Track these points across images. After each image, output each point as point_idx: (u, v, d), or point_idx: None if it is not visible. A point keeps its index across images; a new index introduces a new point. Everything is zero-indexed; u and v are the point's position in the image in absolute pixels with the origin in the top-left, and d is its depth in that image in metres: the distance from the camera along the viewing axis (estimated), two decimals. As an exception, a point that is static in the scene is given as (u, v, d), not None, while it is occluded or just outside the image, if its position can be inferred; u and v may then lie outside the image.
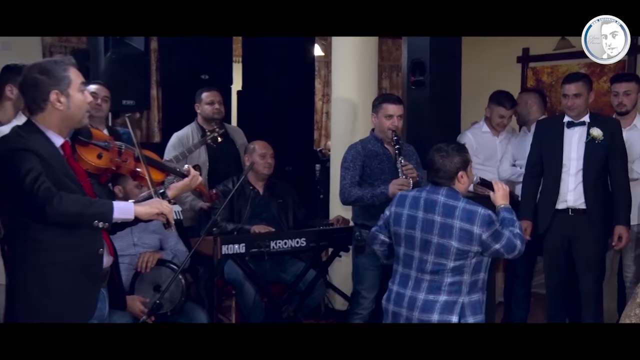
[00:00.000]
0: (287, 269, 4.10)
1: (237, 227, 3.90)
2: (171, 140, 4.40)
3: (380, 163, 3.70)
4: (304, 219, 4.22)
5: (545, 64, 6.15)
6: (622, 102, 4.01)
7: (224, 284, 3.96)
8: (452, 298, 2.80)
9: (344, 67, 4.66)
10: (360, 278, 3.78)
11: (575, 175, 3.77)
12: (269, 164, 4.08)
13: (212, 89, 4.48)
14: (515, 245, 2.81)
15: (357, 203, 3.67)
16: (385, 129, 3.67)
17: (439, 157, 2.85)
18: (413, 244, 2.87)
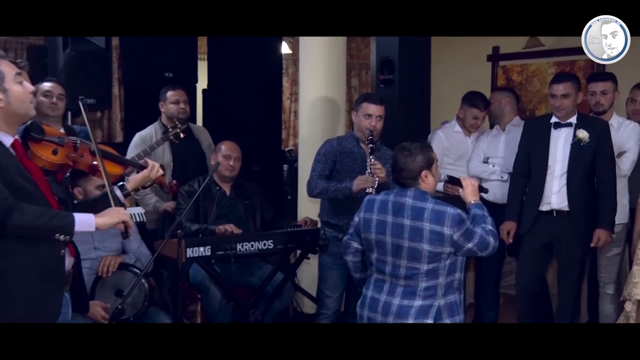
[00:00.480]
0: (254, 271, 4.08)
1: (201, 227, 3.87)
2: (134, 140, 4.35)
3: (353, 161, 3.72)
4: (271, 220, 4.21)
5: (515, 62, 6.23)
6: (599, 102, 4.05)
7: (189, 288, 3.93)
8: (427, 302, 2.79)
9: (312, 65, 4.66)
10: (324, 277, 3.81)
11: (559, 177, 3.80)
12: (231, 166, 4.06)
13: (177, 88, 4.44)
14: (488, 242, 2.81)
15: (321, 195, 3.71)
16: (363, 128, 3.69)
17: (402, 157, 2.85)
18: (385, 250, 2.86)
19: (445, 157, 4.44)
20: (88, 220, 2.32)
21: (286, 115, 7.11)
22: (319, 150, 3.78)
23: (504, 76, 6.30)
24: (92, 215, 2.35)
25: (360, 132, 3.73)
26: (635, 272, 3.46)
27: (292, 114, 7.12)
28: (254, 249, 3.74)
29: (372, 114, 3.68)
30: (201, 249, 3.58)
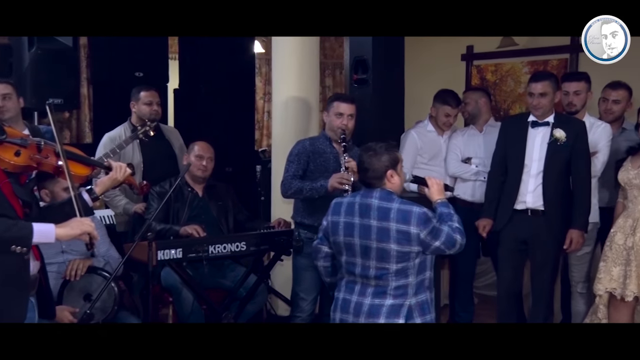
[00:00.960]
0: (226, 274, 4.08)
1: (165, 227, 3.86)
2: (102, 141, 4.32)
3: (326, 161, 3.75)
4: (244, 221, 4.21)
5: (489, 61, 6.30)
6: (572, 102, 4.12)
7: (160, 291, 3.92)
8: (398, 301, 2.83)
9: (285, 65, 4.67)
10: (299, 279, 3.81)
11: (535, 176, 3.85)
12: (204, 166, 4.06)
13: (151, 89, 4.43)
14: (455, 240, 2.85)
15: (296, 195, 3.72)
16: (335, 127, 3.71)
17: (367, 157, 2.88)
18: (354, 251, 2.89)
19: (419, 156, 4.48)
20: (48, 232, 2.28)
21: (259, 115, 7.11)
22: (291, 151, 3.80)
23: (478, 75, 6.38)
24: (53, 225, 2.31)
25: (332, 132, 3.76)
26: (601, 268, 3.58)
27: (266, 114, 7.12)
28: (227, 251, 3.75)
29: (343, 113, 3.71)
30: (172, 251, 3.57)
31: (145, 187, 3.34)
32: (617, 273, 3.53)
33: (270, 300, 4.56)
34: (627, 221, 3.57)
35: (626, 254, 3.53)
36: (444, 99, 4.49)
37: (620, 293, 3.52)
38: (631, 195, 3.61)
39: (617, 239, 3.58)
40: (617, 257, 3.56)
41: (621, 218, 3.61)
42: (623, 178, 3.62)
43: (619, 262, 3.55)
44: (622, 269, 3.52)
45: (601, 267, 3.61)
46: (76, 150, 2.75)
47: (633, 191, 3.59)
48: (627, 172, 3.61)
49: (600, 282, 3.58)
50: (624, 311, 3.58)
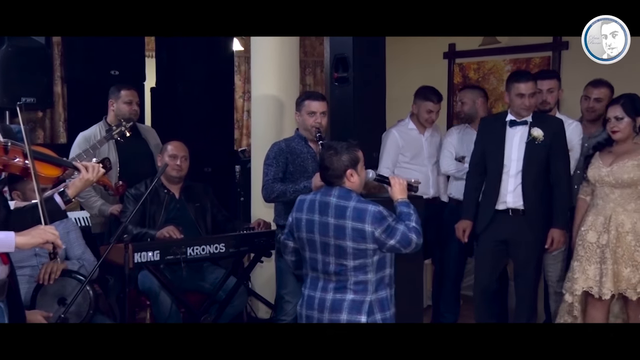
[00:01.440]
0: (205, 276, 4.06)
1: (141, 232, 3.84)
2: (77, 140, 4.29)
3: (304, 161, 3.74)
4: (223, 223, 4.20)
5: (471, 60, 6.33)
6: (545, 100, 4.15)
7: (137, 295, 3.89)
8: (359, 297, 2.94)
9: (264, 63, 4.66)
10: (284, 282, 3.80)
11: (515, 176, 3.87)
12: (178, 166, 4.04)
13: (131, 88, 4.41)
14: (410, 239, 2.94)
15: (280, 199, 3.69)
16: (309, 126, 3.71)
17: (328, 156, 2.98)
18: (315, 247, 3.00)
19: (401, 155, 4.49)
20: (7, 240, 2.23)
21: (239, 115, 7.08)
22: (268, 154, 3.78)
23: (460, 74, 6.40)
24: (12, 234, 2.26)
25: (306, 131, 3.76)
26: (575, 267, 3.60)
27: (245, 113, 7.09)
28: (205, 252, 3.74)
29: (315, 111, 3.72)
30: (150, 253, 3.56)
31: (121, 187, 3.30)
32: (593, 272, 3.56)
33: (250, 302, 4.55)
34: (598, 219, 3.59)
35: (600, 252, 3.56)
36: (425, 95, 4.51)
37: (597, 292, 3.54)
38: (601, 193, 3.62)
39: (590, 237, 3.60)
40: (591, 256, 3.58)
41: (591, 216, 3.63)
42: (594, 175, 3.63)
43: (593, 261, 3.57)
44: (598, 267, 3.55)
45: (575, 267, 3.62)
46: (47, 151, 2.71)
47: (604, 188, 3.61)
48: (598, 170, 3.63)
49: (577, 282, 3.59)
50: (601, 309, 3.62)
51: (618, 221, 3.53)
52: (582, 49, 5.59)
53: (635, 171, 3.52)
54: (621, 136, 3.59)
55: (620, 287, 3.51)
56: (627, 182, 3.52)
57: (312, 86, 7.38)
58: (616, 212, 3.55)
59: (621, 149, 3.62)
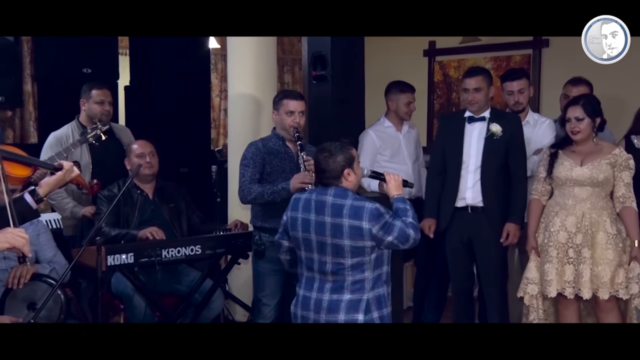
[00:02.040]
0: (181, 279, 4.05)
1: (122, 232, 3.81)
2: (48, 140, 4.24)
3: (282, 161, 3.73)
4: (199, 224, 4.18)
5: (451, 57, 6.38)
6: (518, 101, 4.19)
7: (110, 298, 3.87)
8: (356, 296, 2.96)
9: (241, 61, 4.65)
10: (261, 285, 3.79)
11: (474, 172, 3.93)
12: (149, 163, 4.01)
13: (103, 87, 4.37)
14: (408, 235, 2.97)
15: (257, 200, 3.67)
16: (287, 126, 3.71)
17: (323, 158, 3.01)
18: (311, 247, 3.02)
19: (380, 155, 4.50)
20: None
21: (216, 114, 7.06)
22: (244, 155, 3.76)
23: (440, 72, 6.45)
24: None
25: (284, 131, 3.75)
26: (548, 269, 3.61)
27: (222, 112, 7.07)
28: (181, 255, 3.73)
29: (294, 111, 3.71)
30: (123, 256, 3.54)
31: (96, 186, 3.28)
32: (569, 273, 3.57)
33: (227, 305, 4.53)
34: (569, 219, 3.60)
35: (572, 251, 3.58)
36: (401, 88, 4.52)
37: (570, 293, 3.56)
38: (570, 193, 3.63)
39: (561, 238, 3.60)
40: (564, 257, 3.59)
41: (560, 216, 3.63)
42: (566, 175, 3.62)
43: (566, 261, 3.59)
44: (571, 267, 3.57)
45: (547, 269, 3.62)
46: (17, 150, 2.68)
47: (574, 188, 3.62)
48: (570, 170, 3.62)
49: (551, 285, 3.60)
50: (574, 309, 3.66)
51: (591, 220, 3.56)
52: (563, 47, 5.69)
53: (608, 170, 3.58)
54: (582, 137, 3.63)
55: (596, 286, 3.53)
56: (602, 181, 3.57)
57: (291, 84, 7.38)
58: (588, 211, 3.58)
59: (585, 149, 3.65)
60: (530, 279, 3.71)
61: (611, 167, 3.58)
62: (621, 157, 3.61)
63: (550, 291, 3.61)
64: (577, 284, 3.56)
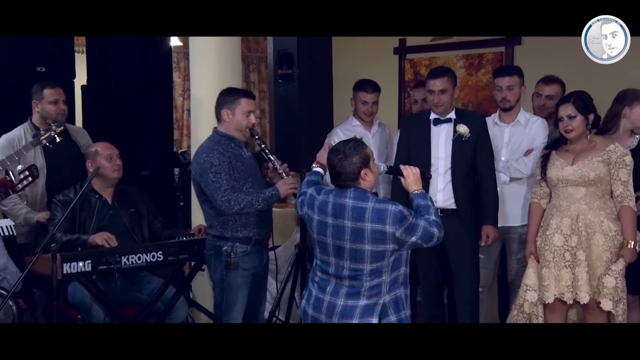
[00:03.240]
0: (142, 287, 4.02)
1: (72, 237, 3.77)
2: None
3: (244, 165, 3.63)
4: (161, 229, 4.15)
5: (423, 55, 6.43)
6: (505, 97, 4.20)
7: (66, 308, 3.82)
8: (372, 301, 2.95)
9: (204, 59, 4.63)
10: (233, 299, 3.63)
11: (443, 174, 3.98)
12: (118, 166, 3.99)
13: (56, 86, 4.32)
14: (432, 234, 2.95)
15: (245, 210, 3.52)
16: (244, 127, 3.62)
17: (338, 161, 2.95)
18: (327, 250, 3.00)
19: None
20: None
21: (178, 114, 7.03)
22: (209, 162, 3.52)
23: (411, 70, 6.49)
24: None
25: (238, 132, 3.62)
26: (545, 274, 3.62)
27: (185, 113, 7.04)
28: (142, 261, 3.70)
29: (252, 110, 3.64)
30: (80, 264, 3.51)
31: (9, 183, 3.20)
32: (566, 277, 3.58)
33: (191, 313, 4.50)
34: (564, 220, 3.62)
35: (569, 255, 3.59)
36: (359, 86, 4.53)
37: (569, 298, 3.56)
38: (564, 193, 3.66)
39: (556, 241, 3.62)
40: (560, 260, 3.60)
41: (555, 218, 3.65)
42: (557, 175, 3.66)
43: (563, 265, 3.60)
44: (568, 271, 3.58)
45: (545, 274, 3.63)
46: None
47: (567, 188, 3.64)
48: (561, 169, 3.65)
49: (548, 289, 3.60)
50: (561, 314, 3.67)
51: (587, 221, 3.58)
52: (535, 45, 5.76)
53: (601, 168, 3.58)
54: (575, 135, 3.66)
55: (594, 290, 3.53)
56: (593, 179, 3.57)
57: (257, 84, 7.38)
58: (583, 211, 3.60)
59: (578, 147, 3.67)
60: (529, 285, 3.71)
61: (605, 164, 3.58)
62: (616, 153, 3.59)
63: (548, 296, 3.60)
64: (574, 288, 3.55)
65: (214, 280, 3.71)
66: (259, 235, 3.66)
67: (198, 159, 3.58)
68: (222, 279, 3.63)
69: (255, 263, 3.67)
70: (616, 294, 3.51)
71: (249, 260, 3.61)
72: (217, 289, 3.68)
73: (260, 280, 3.77)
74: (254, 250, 3.64)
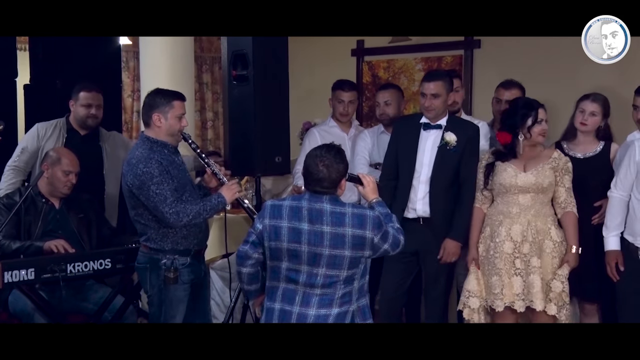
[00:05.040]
0: (89, 296, 4.02)
1: (24, 244, 3.76)
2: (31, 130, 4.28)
3: (180, 172, 3.54)
4: (110, 236, 4.16)
5: (381, 57, 6.51)
6: (454, 100, 4.30)
7: (7, 318, 3.81)
8: (343, 309, 3.03)
9: (155, 58, 4.67)
10: (172, 312, 3.58)
11: (425, 182, 3.98)
12: (71, 184, 3.98)
13: (93, 89, 4.45)
14: (399, 240, 3.11)
15: (194, 221, 3.47)
16: (177, 131, 3.54)
17: (323, 167, 2.98)
18: (298, 258, 3.00)
19: None
20: None
21: (128, 116, 6.99)
22: (148, 172, 3.38)
23: (369, 72, 6.58)
24: None
25: (170, 137, 3.53)
26: (495, 282, 3.70)
27: (135, 114, 7.00)
28: (89, 269, 3.70)
29: (184, 113, 3.57)
30: (22, 272, 3.48)
31: None
32: (518, 285, 3.65)
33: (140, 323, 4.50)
34: (514, 227, 3.70)
35: (519, 262, 3.67)
36: (337, 85, 4.64)
37: (522, 305, 3.64)
38: (513, 200, 3.73)
39: (506, 249, 3.69)
40: (511, 268, 3.68)
41: (505, 225, 3.72)
42: (509, 182, 3.71)
43: (513, 272, 3.67)
44: (519, 279, 3.66)
45: (494, 282, 3.70)
46: None
47: (517, 196, 3.72)
48: (513, 177, 3.71)
49: (499, 298, 3.66)
50: (509, 321, 3.73)
51: (538, 228, 3.69)
52: (495, 48, 5.90)
53: (551, 175, 3.71)
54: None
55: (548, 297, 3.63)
56: (546, 187, 3.69)
57: (210, 85, 7.38)
58: (533, 218, 3.70)
59: (529, 154, 3.76)
60: (471, 291, 3.78)
61: (553, 171, 3.72)
62: (561, 160, 3.74)
63: (498, 305, 3.67)
64: (527, 295, 3.63)
65: (150, 295, 3.60)
66: (199, 245, 3.65)
67: (134, 171, 3.40)
68: (160, 294, 3.54)
69: (195, 275, 3.62)
70: (561, 299, 3.66)
71: (188, 273, 3.56)
72: (154, 304, 3.59)
73: (199, 289, 3.71)
74: (194, 261, 3.60)
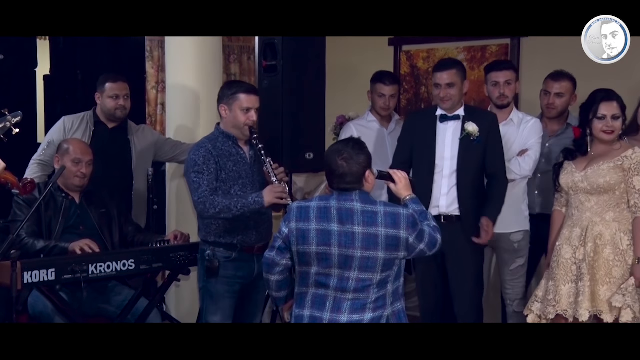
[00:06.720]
0: (111, 298, 4.02)
1: (49, 245, 3.77)
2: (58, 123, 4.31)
3: (236, 165, 3.64)
4: (133, 234, 4.16)
5: (420, 47, 6.44)
6: (504, 93, 4.23)
7: (27, 320, 3.83)
8: (377, 314, 2.98)
9: (181, 48, 4.66)
10: (213, 309, 3.66)
11: (449, 177, 3.97)
12: (82, 174, 3.97)
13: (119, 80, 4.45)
14: (436, 240, 3.06)
15: (221, 215, 3.53)
16: (241, 124, 3.61)
17: (343, 161, 2.96)
18: (329, 262, 2.97)
19: None
20: None
21: (152, 108, 6.99)
22: (193, 160, 3.56)
23: (408, 63, 6.52)
24: None
25: (235, 130, 3.63)
26: (551, 288, 3.64)
27: (159, 107, 7.00)
28: (111, 270, 3.70)
29: (251, 107, 3.61)
30: (43, 272, 3.49)
31: (30, 185, 3.22)
32: (567, 292, 3.59)
33: (164, 328, 4.52)
34: (574, 231, 3.64)
35: (575, 268, 3.60)
36: (377, 78, 4.61)
37: (570, 315, 3.57)
38: (576, 202, 3.68)
39: (564, 253, 3.64)
40: (567, 274, 3.62)
41: (566, 229, 3.69)
42: (567, 182, 3.68)
43: (567, 279, 3.61)
44: (573, 286, 3.59)
45: (550, 287, 3.65)
46: None
47: (579, 196, 3.66)
48: (571, 175, 3.67)
49: (551, 305, 3.61)
50: None
51: (595, 233, 3.59)
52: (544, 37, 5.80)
53: (612, 174, 3.58)
54: (614, 137, 3.65)
55: (597, 308, 3.53)
56: (603, 187, 3.58)
57: (238, 76, 7.37)
58: (593, 222, 3.61)
59: (598, 151, 3.68)
60: (539, 297, 3.73)
61: (620, 170, 3.59)
62: (631, 159, 3.58)
63: (550, 312, 3.62)
64: (575, 304, 3.56)
65: (198, 288, 3.77)
66: (245, 242, 3.65)
67: (189, 156, 3.66)
68: (204, 286, 3.68)
69: (243, 273, 3.66)
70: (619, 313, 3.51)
71: (233, 268, 3.61)
72: (201, 298, 3.76)
73: (250, 291, 3.76)
74: (241, 258, 3.63)
